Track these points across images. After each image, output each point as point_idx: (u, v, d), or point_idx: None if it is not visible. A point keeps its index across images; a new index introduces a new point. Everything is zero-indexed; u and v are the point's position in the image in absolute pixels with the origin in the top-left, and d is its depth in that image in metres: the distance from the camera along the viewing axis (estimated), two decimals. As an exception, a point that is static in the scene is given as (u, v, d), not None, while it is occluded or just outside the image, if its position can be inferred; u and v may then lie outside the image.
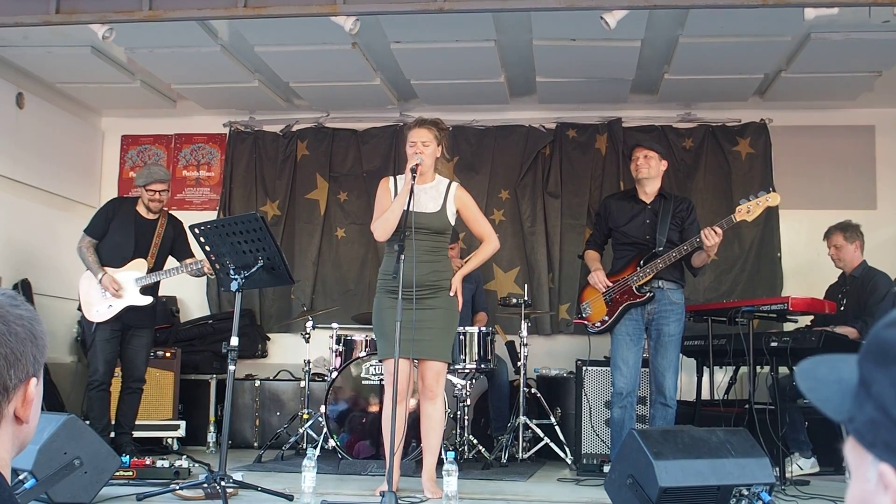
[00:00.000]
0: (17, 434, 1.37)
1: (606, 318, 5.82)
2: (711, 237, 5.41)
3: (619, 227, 5.93)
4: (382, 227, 5.00)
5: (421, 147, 5.03)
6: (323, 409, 6.25)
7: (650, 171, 5.83)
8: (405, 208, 4.85)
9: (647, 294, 5.66)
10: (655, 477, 3.85)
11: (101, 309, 6.23)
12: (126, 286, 6.25)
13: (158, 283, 6.48)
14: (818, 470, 6.20)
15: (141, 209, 6.45)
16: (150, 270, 6.32)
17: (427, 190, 5.07)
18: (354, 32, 5.81)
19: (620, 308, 5.75)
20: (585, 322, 6.01)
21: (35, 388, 1.37)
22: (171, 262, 6.52)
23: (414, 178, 4.90)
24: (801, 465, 6.09)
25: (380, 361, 5.64)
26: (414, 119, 5.38)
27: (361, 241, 8.39)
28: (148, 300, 6.28)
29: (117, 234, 6.39)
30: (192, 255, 6.40)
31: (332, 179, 8.52)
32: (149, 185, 6.36)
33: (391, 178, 5.26)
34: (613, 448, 5.77)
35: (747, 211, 5.49)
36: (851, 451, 0.99)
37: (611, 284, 5.80)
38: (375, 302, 5.17)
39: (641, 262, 5.70)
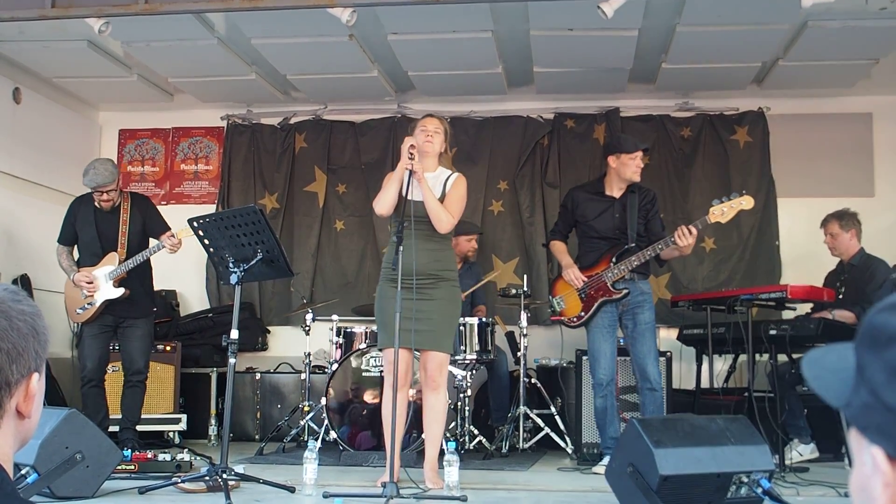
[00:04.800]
0: (19, 429, 1.38)
1: (583, 313, 5.86)
2: (685, 237, 5.42)
3: (588, 222, 5.93)
4: (381, 198, 5.03)
5: (432, 133, 5.05)
6: (324, 401, 6.26)
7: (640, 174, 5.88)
8: (405, 195, 4.86)
9: (624, 290, 5.72)
10: (655, 465, 3.86)
11: (80, 309, 6.20)
12: (99, 281, 6.18)
13: (146, 270, 6.37)
14: (818, 455, 6.22)
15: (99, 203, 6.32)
16: (123, 261, 6.21)
17: (428, 180, 5.06)
18: (351, 24, 5.80)
19: (596, 304, 5.79)
20: (561, 317, 6.05)
21: (37, 383, 1.37)
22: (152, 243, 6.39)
23: (412, 157, 4.89)
24: (800, 451, 6.12)
25: (380, 351, 5.64)
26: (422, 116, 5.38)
27: (360, 233, 8.40)
28: (120, 292, 6.14)
29: (83, 234, 6.31)
30: (168, 229, 6.21)
31: (330, 172, 8.52)
32: (95, 189, 6.19)
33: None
34: (602, 437, 5.82)
35: (721, 213, 5.47)
36: (853, 437, 1.00)
37: (585, 280, 5.83)
38: (378, 291, 5.17)
39: (614, 259, 5.73)
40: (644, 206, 5.85)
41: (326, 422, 6.24)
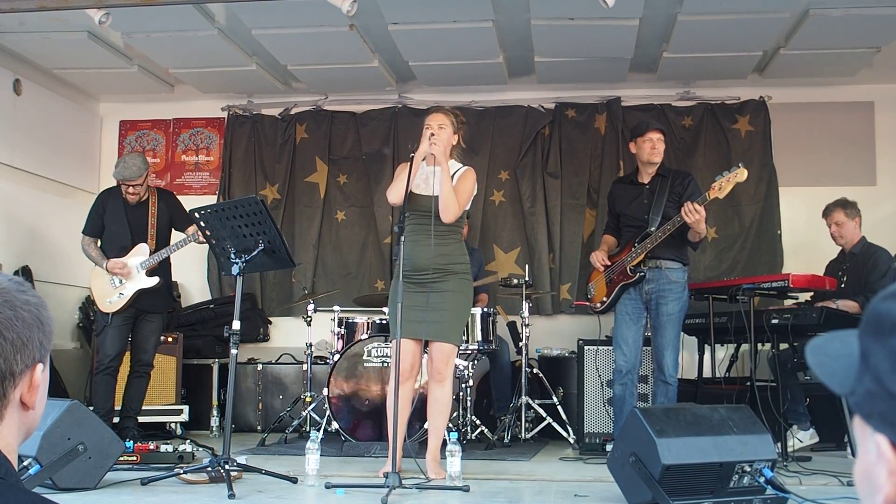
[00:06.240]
0: (23, 420, 1.37)
1: (605, 298, 5.93)
2: (691, 214, 5.42)
3: (623, 211, 6.02)
4: (394, 188, 5.00)
5: (436, 129, 5.01)
6: (325, 391, 6.27)
7: (661, 155, 5.89)
8: (407, 189, 4.84)
9: (638, 274, 5.72)
10: (658, 454, 3.87)
11: (113, 299, 6.26)
12: (132, 271, 6.27)
13: (169, 264, 6.49)
14: (817, 441, 6.24)
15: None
16: (153, 252, 6.33)
17: (438, 173, 5.04)
18: (352, 14, 5.79)
19: (616, 288, 5.84)
20: (589, 303, 6.11)
21: (41, 373, 1.37)
22: (175, 236, 6.52)
23: (412, 161, 4.90)
24: (800, 437, 6.13)
25: (388, 343, 5.65)
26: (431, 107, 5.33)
27: (361, 223, 8.40)
28: (154, 281, 6.28)
29: (112, 225, 6.41)
30: (192, 223, 6.35)
31: (331, 162, 8.51)
32: (122, 182, 6.34)
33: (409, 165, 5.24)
34: (616, 425, 5.83)
35: (719, 188, 5.50)
36: (857, 425, 1.00)
37: (609, 264, 5.88)
38: (392, 285, 5.17)
39: (636, 243, 5.75)
40: (675, 190, 5.84)
41: (328, 412, 6.25)
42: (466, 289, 5.10)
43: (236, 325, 4.80)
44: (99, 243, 6.44)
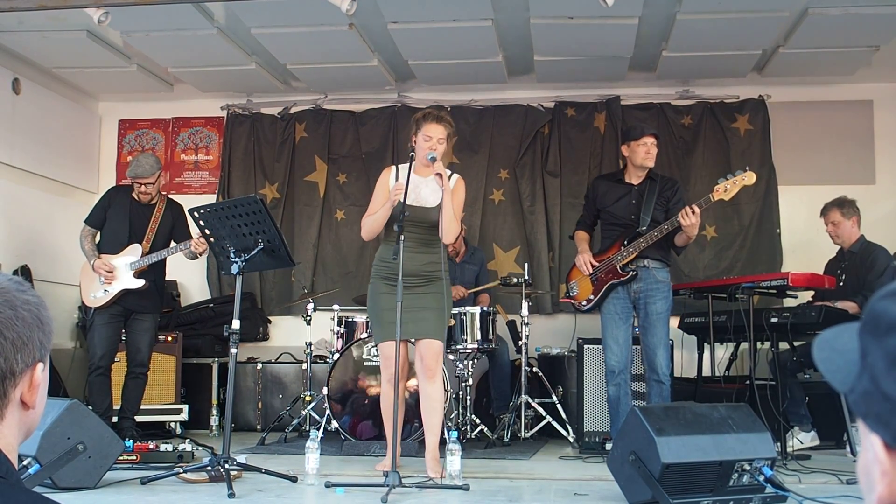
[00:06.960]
0: (23, 419, 1.37)
1: (592, 296, 5.92)
2: (688, 217, 5.43)
3: (607, 208, 6.00)
4: (369, 228, 5.09)
5: (435, 144, 5.02)
6: (325, 390, 6.27)
7: (654, 159, 5.89)
8: (402, 201, 4.77)
9: (630, 273, 5.72)
10: (658, 453, 3.87)
11: (97, 294, 6.27)
12: (119, 270, 6.27)
13: (163, 266, 6.51)
14: (818, 443, 6.23)
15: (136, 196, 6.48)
16: (146, 254, 6.33)
17: (428, 182, 5.04)
18: (351, 13, 5.79)
19: (605, 287, 5.83)
20: (572, 301, 6.09)
21: (42, 373, 1.37)
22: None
23: (411, 168, 4.92)
24: (801, 438, 6.13)
25: (375, 346, 5.65)
26: (427, 110, 5.29)
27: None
28: (140, 283, 6.26)
29: (114, 221, 6.44)
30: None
31: (330, 161, 8.51)
32: (135, 179, 6.39)
33: (393, 169, 5.25)
34: (612, 426, 5.82)
35: (724, 190, 5.50)
36: (861, 422, 1.00)
37: (597, 265, 5.87)
38: (370, 288, 5.18)
39: (625, 242, 5.76)
40: (664, 195, 5.86)
41: (328, 411, 6.25)
42: (448, 289, 5.14)
43: (236, 324, 4.80)
44: (97, 238, 6.45)
